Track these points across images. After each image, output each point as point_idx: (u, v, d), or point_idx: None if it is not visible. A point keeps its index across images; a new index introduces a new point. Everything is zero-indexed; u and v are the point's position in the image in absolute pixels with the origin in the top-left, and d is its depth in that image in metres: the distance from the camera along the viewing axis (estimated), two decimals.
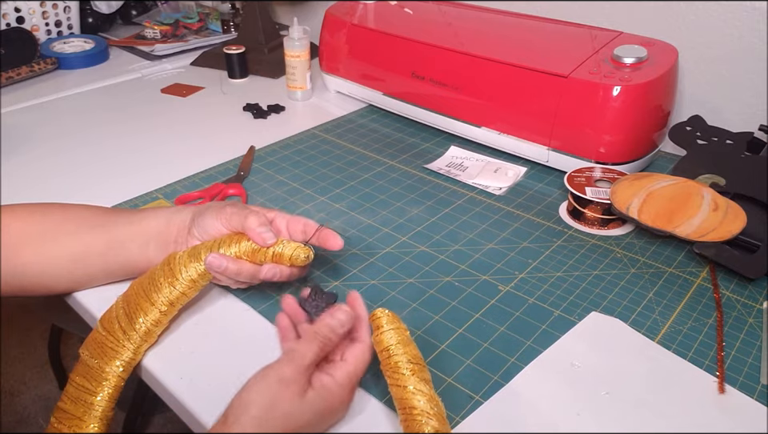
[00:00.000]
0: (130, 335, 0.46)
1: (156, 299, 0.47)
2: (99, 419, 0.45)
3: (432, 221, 0.65)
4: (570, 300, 0.53)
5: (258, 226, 0.50)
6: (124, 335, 0.46)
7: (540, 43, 0.77)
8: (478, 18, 0.86)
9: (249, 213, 0.51)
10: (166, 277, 0.48)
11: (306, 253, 0.50)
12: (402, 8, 0.90)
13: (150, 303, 0.47)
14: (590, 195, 0.63)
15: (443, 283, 0.55)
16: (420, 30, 0.82)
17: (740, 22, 0.74)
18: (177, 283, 0.48)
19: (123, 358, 0.46)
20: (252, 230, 0.49)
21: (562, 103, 0.69)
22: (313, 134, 0.84)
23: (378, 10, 0.91)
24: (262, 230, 0.49)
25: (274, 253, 0.49)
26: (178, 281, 0.48)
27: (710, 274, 0.57)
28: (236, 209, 0.51)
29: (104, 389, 0.45)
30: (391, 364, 0.42)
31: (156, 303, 0.47)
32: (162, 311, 0.47)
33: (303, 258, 0.49)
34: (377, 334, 0.43)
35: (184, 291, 0.48)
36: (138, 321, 0.47)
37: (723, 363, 0.47)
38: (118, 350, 0.46)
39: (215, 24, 1.25)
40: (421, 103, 0.83)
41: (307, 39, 0.91)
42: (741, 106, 0.77)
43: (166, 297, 0.47)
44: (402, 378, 0.41)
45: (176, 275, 0.48)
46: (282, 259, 0.49)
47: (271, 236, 0.49)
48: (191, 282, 0.48)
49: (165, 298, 0.47)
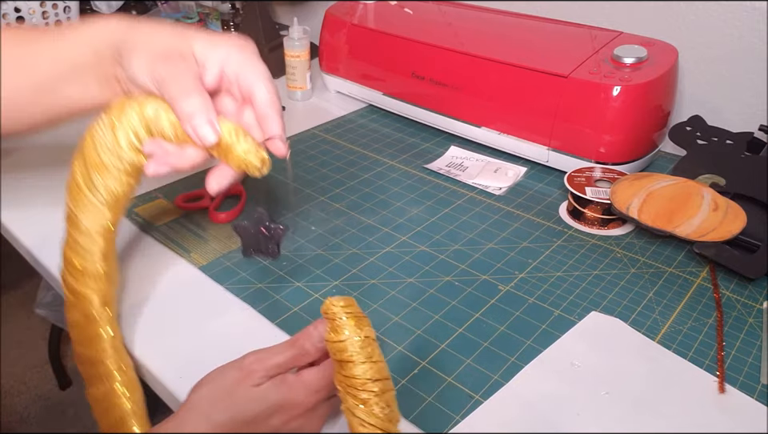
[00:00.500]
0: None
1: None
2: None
3: (432, 221, 0.65)
4: (570, 300, 0.53)
5: (198, 114, 0.37)
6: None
7: (540, 43, 0.77)
8: (478, 18, 0.86)
9: (190, 87, 0.38)
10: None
11: (260, 159, 0.39)
12: (401, 8, 0.90)
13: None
14: (589, 195, 0.63)
15: (443, 283, 0.55)
16: (420, 30, 0.82)
17: (740, 22, 0.74)
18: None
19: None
20: (186, 122, 0.38)
21: (562, 103, 0.69)
22: (313, 134, 0.84)
23: (378, 10, 0.91)
24: (199, 122, 0.37)
25: (222, 143, 0.39)
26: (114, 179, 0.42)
27: (710, 274, 0.57)
28: (173, 68, 0.39)
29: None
30: (349, 382, 0.34)
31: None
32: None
33: (256, 164, 0.39)
34: (335, 337, 0.35)
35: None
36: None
37: (723, 362, 0.47)
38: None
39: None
40: (421, 103, 0.83)
41: (307, 39, 0.91)
42: (741, 106, 0.77)
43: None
44: (358, 411, 0.34)
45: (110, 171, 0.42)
46: (227, 154, 0.38)
47: (211, 133, 0.38)
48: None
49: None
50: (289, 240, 0.61)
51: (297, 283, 0.55)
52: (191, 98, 0.38)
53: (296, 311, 0.52)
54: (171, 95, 0.38)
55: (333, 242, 0.61)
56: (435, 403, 0.43)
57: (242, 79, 0.41)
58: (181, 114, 0.38)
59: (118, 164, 0.41)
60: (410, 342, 0.49)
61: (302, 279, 0.56)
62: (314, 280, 0.55)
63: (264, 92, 0.41)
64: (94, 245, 0.45)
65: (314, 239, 0.61)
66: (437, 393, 0.44)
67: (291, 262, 0.58)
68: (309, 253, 0.59)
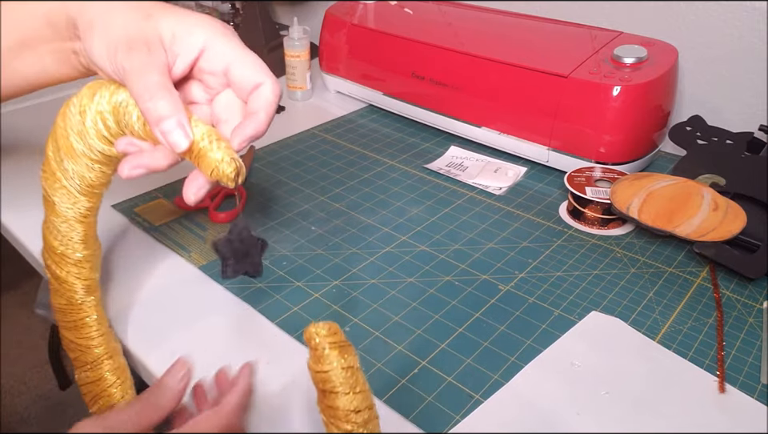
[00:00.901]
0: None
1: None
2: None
3: (432, 221, 0.65)
4: (570, 300, 0.53)
5: (167, 118, 0.33)
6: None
7: (540, 43, 0.77)
8: (477, 18, 0.86)
9: (156, 84, 0.33)
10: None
11: (234, 169, 0.35)
12: (401, 8, 0.90)
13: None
14: (589, 195, 0.63)
15: (443, 283, 0.55)
16: (420, 30, 0.82)
17: (740, 22, 0.74)
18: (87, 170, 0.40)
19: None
20: (154, 126, 0.34)
21: (562, 103, 0.69)
22: (313, 134, 0.84)
23: (378, 10, 0.91)
24: (168, 126, 0.33)
25: (194, 149, 0.35)
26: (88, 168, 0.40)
27: (710, 274, 0.57)
28: (137, 60, 0.34)
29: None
30: (333, 412, 0.34)
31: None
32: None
33: (229, 173, 0.35)
34: (318, 367, 0.34)
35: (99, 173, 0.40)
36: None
37: (723, 362, 0.47)
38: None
39: None
40: (421, 103, 0.83)
41: (307, 39, 0.91)
42: (741, 106, 0.77)
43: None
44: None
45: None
46: (199, 160, 0.35)
47: (182, 138, 0.33)
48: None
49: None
50: (289, 240, 0.61)
51: (297, 283, 0.55)
52: (159, 99, 0.33)
53: (296, 310, 0.52)
54: (135, 93, 0.34)
55: (333, 242, 0.61)
56: (435, 403, 0.43)
57: (238, 75, 0.37)
58: (147, 116, 0.34)
59: (88, 152, 0.39)
60: (409, 342, 0.49)
61: (302, 279, 0.56)
62: (313, 280, 0.55)
63: (269, 92, 0.37)
64: (72, 231, 0.43)
65: (314, 239, 0.61)
66: (437, 393, 0.44)
67: (291, 262, 0.58)
68: (309, 253, 0.59)
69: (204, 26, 0.36)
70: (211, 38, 0.36)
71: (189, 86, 0.39)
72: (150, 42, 0.34)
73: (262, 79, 0.37)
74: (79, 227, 0.43)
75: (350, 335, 0.49)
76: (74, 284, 0.45)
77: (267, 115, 0.37)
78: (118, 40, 0.34)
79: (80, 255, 0.44)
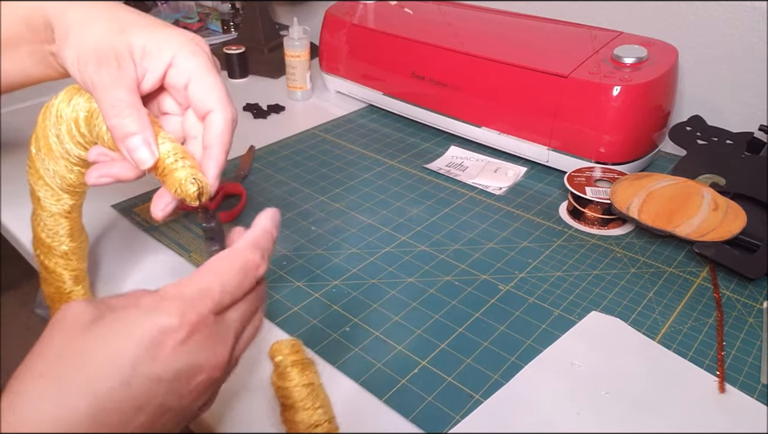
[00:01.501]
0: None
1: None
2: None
3: (432, 221, 0.65)
4: (570, 300, 0.53)
5: (132, 136, 0.33)
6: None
7: (540, 43, 0.77)
8: (477, 18, 0.86)
9: (123, 101, 0.34)
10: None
11: (197, 188, 0.35)
12: (401, 8, 0.90)
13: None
14: (589, 195, 0.63)
15: (443, 283, 0.55)
16: (420, 30, 0.82)
17: (740, 22, 0.74)
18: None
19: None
20: (119, 142, 0.34)
21: (562, 103, 0.69)
22: (313, 134, 0.84)
23: (378, 10, 0.91)
24: (133, 144, 0.33)
25: (159, 166, 0.35)
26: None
27: (710, 274, 0.57)
28: (105, 75, 0.34)
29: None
30: (295, 425, 0.35)
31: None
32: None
33: (192, 193, 0.35)
34: (281, 383, 0.35)
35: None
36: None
37: (723, 362, 0.47)
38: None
39: (215, 24, 1.25)
40: (421, 103, 0.83)
41: (307, 39, 0.91)
42: (741, 106, 0.77)
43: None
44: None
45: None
46: (164, 177, 0.35)
47: (147, 156, 0.34)
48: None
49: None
50: (289, 240, 0.61)
51: (297, 283, 0.55)
52: (125, 116, 0.33)
53: (296, 310, 0.52)
54: (103, 108, 0.34)
55: (333, 242, 0.61)
56: (435, 402, 0.43)
57: (194, 94, 0.36)
58: (113, 132, 0.34)
59: (66, 156, 0.39)
60: (409, 342, 0.49)
61: (302, 279, 0.56)
62: (313, 280, 0.55)
63: (219, 122, 0.36)
64: (58, 225, 0.44)
65: (314, 239, 0.61)
66: (437, 393, 0.44)
67: (291, 262, 0.58)
68: (309, 253, 0.59)
69: (173, 42, 0.36)
70: (178, 54, 0.36)
71: (162, 98, 0.39)
72: (120, 56, 0.35)
73: (211, 106, 0.36)
74: (64, 222, 0.44)
75: (350, 335, 0.49)
76: (61, 274, 0.46)
77: (222, 150, 0.37)
78: (88, 52, 0.35)
79: (66, 248, 0.45)
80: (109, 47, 0.35)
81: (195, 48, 0.37)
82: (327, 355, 0.47)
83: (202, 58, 0.36)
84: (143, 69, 0.36)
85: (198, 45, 0.37)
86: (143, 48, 0.36)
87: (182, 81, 0.36)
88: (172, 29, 0.37)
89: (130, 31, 0.36)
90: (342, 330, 0.50)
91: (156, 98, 0.39)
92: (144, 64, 0.36)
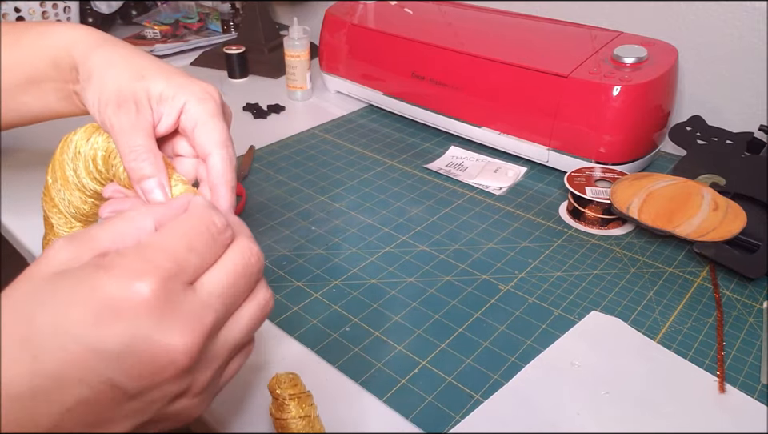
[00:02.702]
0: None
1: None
2: None
3: (432, 221, 0.65)
4: (570, 300, 0.53)
5: (148, 178, 0.35)
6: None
7: (540, 43, 0.77)
8: (477, 18, 0.86)
9: (140, 145, 0.36)
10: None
11: None
12: (402, 8, 0.90)
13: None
14: (590, 195, 0.63)
15: (443, 283, 0.55)
16: (420, 30, 0.82)
17: (740, 22, 0.74)
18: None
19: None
20: (135, 183, 0.36)
21: (562, 103, 0.69)
22: (313, 134, 0.84)
23: (378, 10, 0.91)
24: (149, 186, 0.35)
25: None
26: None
27: (710, 274, 0.57)
28: (124, 119, 0.36)
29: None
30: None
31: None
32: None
33: None
34: (279, 415, 0.38)
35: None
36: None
37: (723, 362, 0.47)
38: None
39: (215, 24, 1.25)
40: (421, 103, 0.83)
41: (307, 39, 0.91)
42: (741, 106, 0.77)
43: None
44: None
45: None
46: None
47: (161, 197, 0.36)
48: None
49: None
50: (289, 240, 0.61)
51: (297, 283, 0.55)
52: (142, 160, 0.35)
53: (296, 310, 0.52)
54: (121, 151, 0.36)
55: (333, 242, 0.61)
56: (435, 402, 0.43)
57: (197, 138, 0.38)
58: (131, 174, 0.36)
59: (82, 188, 0.41)
60: (409, 342, 0.49)
61: (302, 279, 0.56)
62: (313, 280, 0.55)
63: (218, 162, 0.37)
64: None
65: (314, 238, 0.61)
66: (437, 393, 0.44)
67: (291, 262, 0.58)
68: (309, 253, 0.59)
69: (186, 89, 0.38)
70: (189, 101, 0.38)
71: (177, 141, 0.41)
72: (138, 101, 0.37)
73: (210, 149, 0.38)
74: None
75: (350, 335, 0.49)
76: None
77: (227, 188, 0.38)
78: (109, 95, 0.37)
79: None
80: (129, 92, 0.37)
81: (205, 96, 0.39)
82: (327, 355, 0.47)
83: (210, 105, 0.38)
84: (159, 113, 0.38)
85: (208, 93, 0.39)
86: (160, 94, 0.38)
87: (190, 126, 0.38)
88: (187, 77, 0.39)
89: (149, 78, 0.38)
90: (341, 330, 0.50)
91: (171, 140, 0.41)
92: (160, 109, 0.38)
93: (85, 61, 0.40)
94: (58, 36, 0.42)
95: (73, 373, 0.25)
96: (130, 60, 0.39)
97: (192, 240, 0.28)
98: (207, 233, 0.29)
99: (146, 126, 0.37)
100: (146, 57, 0.40)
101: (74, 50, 0.41)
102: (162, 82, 0.38)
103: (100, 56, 0.40)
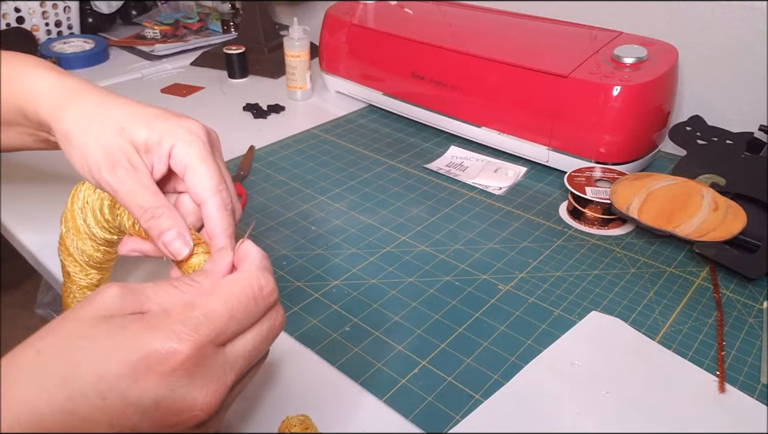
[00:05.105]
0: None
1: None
2: None
3: (432, 221, 0.65)
4: (570, 300, 0.53)
5: (168, 231, 0.35)
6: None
7: (540, 43, 0.77)
8: (477, 18, 0.86)
9: (151, 202, 0.35)
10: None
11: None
12: (402, 8, 0.90)
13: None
14: (590, 195, 0.63)
15: (443, 283, 0.55)
16: (420, 30, 0.82)
17: (740, 22, 0.74)
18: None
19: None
20: (156, 240, 0.36)
21: (562, 103, 0.69)
22: (313, 134, 0.84)
23: (378, 10, 0.91)
24: (169, 239, 0.35)
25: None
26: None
27: (710, 274, 0.57)
28: (125, 180, 0.35)
29: None
30: None
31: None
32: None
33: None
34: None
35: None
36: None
37: (723, 362, 0.47)
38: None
39: (215, 24, 1.25)
40: (421, 103, 0.83)
41: (307, 39, 0.91)
42: (741, 106, 0.77)
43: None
44: None
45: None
46: (181, 263, 0.37)
47: (183, 248, 0.35)
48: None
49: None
50: (289, 240, 0.61)
51: (297, 283, 0.55)
52: (158, 217, 0.35)
53: (296, 310, 0.52)
54: (131, 211, 0.36)
55: (333, 242, 0.61)
56: (435, 402, 0.43)
57: (189, 184, 0.37)
58: (149, 232, 0.35)
59: (92, 236, 0.42)
60: (409, 342, 0.49)
61: (302, 279, 0.56)
62: (313, 280, 0.55)
63: (213, 212, 0.36)
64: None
65: (314, 238, 0.61)
66: (437, 393, 0.44)
67: (291, 262, 0.58)
68: (309, 253, 0.59)
69: (170, 133, 0.37)
70: (176, 145, 0.37)
71: (175, 178, 0.40)
72: (130, 158, 0.36)
73: (204, 197, 0.37)
74: None
75: (350, 335, 0.49)
76: None
77: (225, 235, 0.37)
78: (96, 158, 0.36)
79: None
80: (117, 150, 0.36)
81: (191, 137, 0.37)
82: (327, 355, 0.47)
83: (197, 147, 0.37)
84: (150, 159, 0.37)
85: (193, 133, 0.37)
86: (145, 143, 0.37)
87: (181, 169, 0.37)
88: (167, 117, 0.38)
89: (129, 128, 0.37)
90: (341, 330, 0.50)
91: (171, 179, 0.40)
92: (149, 157, 0.37)
93: (57, 121, 0.38)
94: (25, 86, 0.40)
95: (104, 419, 0.27)
96: (105, 112, 0.38)
97: (235, 308, 0.29)
98: (251, 300, 0.30)
99: (148, 183, 0.36)
100: (120, 102, 0.39)
101: (39, 106, 0.39)
102: (144, 130, 0.37)
103: (72, 116, 0.38)
